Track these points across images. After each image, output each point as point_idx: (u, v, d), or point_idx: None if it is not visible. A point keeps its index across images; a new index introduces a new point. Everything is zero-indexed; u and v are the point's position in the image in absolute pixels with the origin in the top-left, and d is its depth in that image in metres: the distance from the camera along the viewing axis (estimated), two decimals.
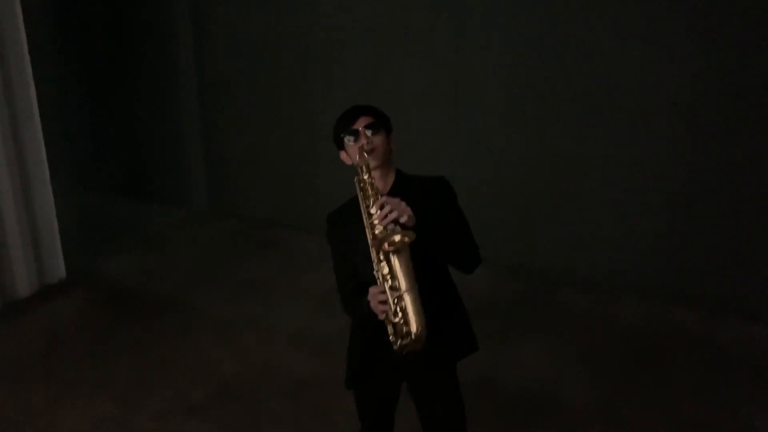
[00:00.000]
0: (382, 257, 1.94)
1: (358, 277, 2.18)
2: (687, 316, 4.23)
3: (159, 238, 5.81)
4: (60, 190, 4.84)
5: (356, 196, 2.09)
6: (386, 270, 1.94)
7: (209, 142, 6.11)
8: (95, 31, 6.46)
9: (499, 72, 4.59)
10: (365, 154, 2.06)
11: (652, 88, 4.16)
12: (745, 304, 4.18)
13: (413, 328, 1.90)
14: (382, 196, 2.00)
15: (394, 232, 1.89)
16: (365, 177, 2.04)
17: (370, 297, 1.99)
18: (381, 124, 2.14)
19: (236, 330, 4.27)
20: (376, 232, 1.95)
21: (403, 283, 1.90)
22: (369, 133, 2.10)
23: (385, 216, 1.90)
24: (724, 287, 4.22)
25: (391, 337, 1.98)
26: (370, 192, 2.02)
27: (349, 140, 2.13)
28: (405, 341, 1.92)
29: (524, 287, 4.68)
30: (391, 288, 1.92)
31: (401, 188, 2.15)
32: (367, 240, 2.00)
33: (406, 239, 1.88)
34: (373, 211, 1.97)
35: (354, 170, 2.14)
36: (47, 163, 4.70)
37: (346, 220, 2.16)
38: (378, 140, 2.11)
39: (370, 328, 2.13)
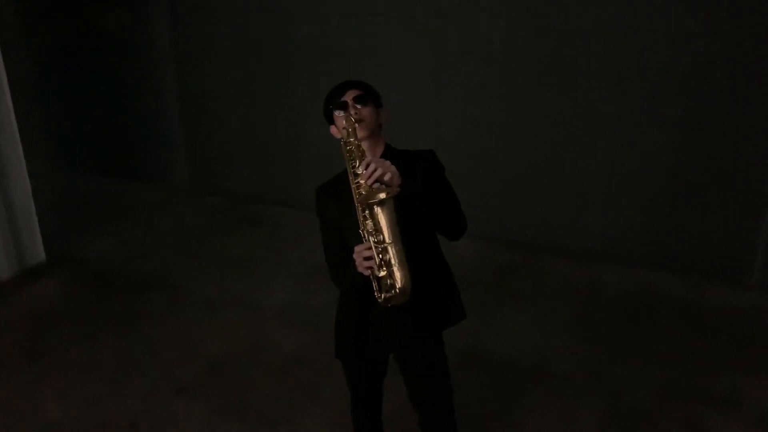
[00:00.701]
0: (366, 213, 1.94)
1: (347, 249, 2.15)
2: (670, 282, 4.27)
3: (141, 216, 5.74)
4: (36, 170, 4.74)
5: (345, 170, 2.06)
6: (370, 225, 1.94)
7: (190, 118, 6.01)
8: (71, 6, 6.28)
9: (484, 44, 4.53)
10: (351, 118, 2.04)
11: (640, 59, 4.13)
12: (729, 271, 4.22)
13: (398, 280, 1.91)
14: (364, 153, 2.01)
15: (379, 190, 1.89)
16: (351, 139, 2.02)
17: (355, 255, 1.99)
18: (370, 96, 2.14)
19: (222, 307, 4.24)
20: (362, 190, 1.95)
21: (387, 235, 1.91)
22: (358, 105, 2.10)
23: (370, 174, 1.90)
24: (709, 254, 4.26)
25: (375, 293, 1.98)
26: (356, 154, 2.00)
27: (338, 113, 2.12)
28: (390, 294, 1.93)
29: (511, 257, 4.69)
30: (376, 242, 1.93)
31: (390, 159, 2.12)
32: (356, 212, 1.99)
33: (390, 194, 1.89)
34: (359, 171, 1.95)
35: None
36: (21, 143, 4.58)
37: (336, 192, 2.15)
38: (366, 112, 2.11)
39: (358, 299, 2.14)
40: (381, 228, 1.91)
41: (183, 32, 5.74)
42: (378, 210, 1.91)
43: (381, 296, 1.96)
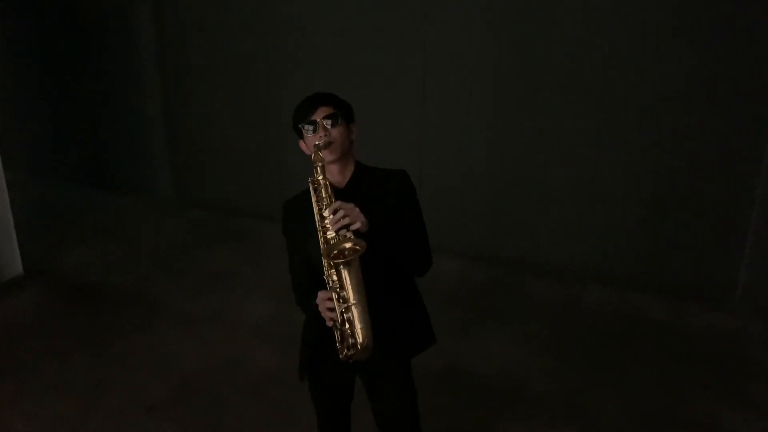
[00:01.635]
0: (332, 266, 1.88)
1: (312, 269, 2.12)
2: (651, 304, 4.24)
3: (121, 229, 5.68)
4: (14, 180, 4.67)
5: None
6: (335, 279, 1.89)
7: (173, 130, 5.97)
8: (53, 13, 6.24)
9: (466, 60, 4.53)
10: (320, 152, 1.98)
11: (619, 77, 4.13)
12: (708, 293, 4.20)
13: (359, 339, 1.85)
14: (334, 200, 1.92)
15: (345, 239, 1.83)
16: (319, 178, 1.97)
17: (318, 301, 1.94)
18: (341, 114, 2.06)
19: (199, 324, 4.19)
20: (328, 236, 1.89)
21: (351, 295, 1.85)
22: (328, 124, 2.02)
23: (338, 221, 1.84)
24: (688, 275, 4.25)
25: (337, 344, 1.94)
26: (323, 194, 1.95)
27: (307, 131, 2.05)
28: (351, 351, 1.88)
29: (490, 276, 4.66)
30: (339, 299, 1.88)
31: (359, 182, 2.09)
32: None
33: (357, 248, 1.81)
34: (325, 214, 1.91)
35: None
36: None
37: (303, 210, 2.08)
38: (337, 132, 2.03)
39: (321, 322, 2.06)
40: (345, 286, 1.86)
41: (168, 43, 5.71)
42: (343, 269, 1.85)
43: (342, 353, 1.91)
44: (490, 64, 4.47)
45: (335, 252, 1.83)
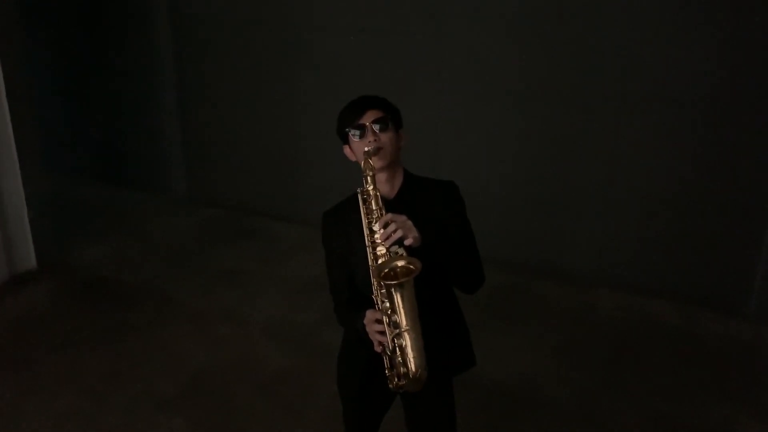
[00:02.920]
0: (383, 286, 1.78)
1: (355, 283, 2.05)
2: (665, 310, 4.20)
3: (135, 226, 5.70)
4: (30, 175, 4.70)
5: (354, 195, 1.96)
6: (386, 301, 1.79)
7: (188, 127, 5.99)
8: (69, 10, 6.29)
9: (483, 61, 4.50)
10: (370, 160, 1.88)
11: (641, 81, 4.08)
12: (726, 300, 4.15)
13: (412, 368, 1.75)
14: (385, 211, 1.84)
15: (397, 257, 1.75)
16: (369, 188, 1.87)
17: (366, 322, 1.86)
18: (391, 119, 1.96)
19: (211, 321, 4.19)
20: (378, 252, 1.82)
21: (404, 320, 1.74)
22: (377, 128, 1.92)
23: (389, 235, 1.76)
24: (703, 282, 4.20)
25: (386, 371, 1.87)
26: (373, 206, 1.86)
27: (354, 135, 1.94)
28: (402, 381, 1.80)
29: (505, 278, 4.63)
30: (391, 323, 1.78)
31: (409, 193, 2.01)
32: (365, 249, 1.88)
33: (411, 268, 1.72)
34: (375, 228, 1.82)
35: (356, 167, 1.98)
36: (15, 147, 4.56)
37: (345, 220, 2.01)
38: (386, 138, 1.92)
39: (368, 346, 1.93)
40: (398, 310, 1.75)
41: (184, 41, 5.73)
42: (396, 292, 1.75)
43: (393, 383, 1.83)
44: (505, 66, 4.44)
45: (386, 271, 1.74)
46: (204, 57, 5.69)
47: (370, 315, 1.85)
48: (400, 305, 1.75)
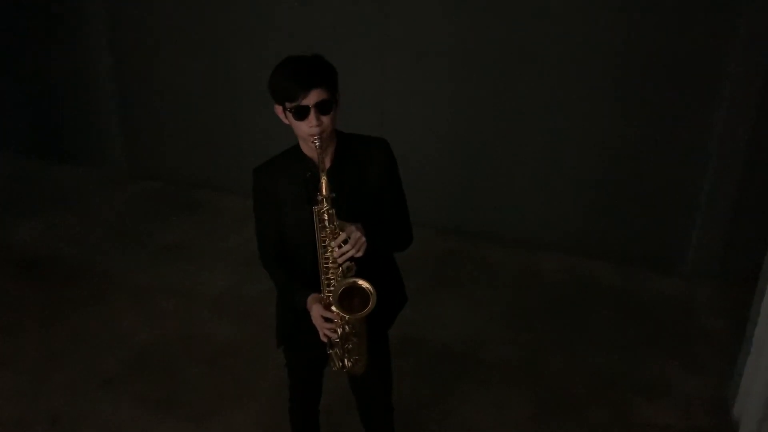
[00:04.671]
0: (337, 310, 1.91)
1: (284, 241, 2.09)
2: (605, 270, 4.31)
3: (73, 201, 5.50)
4: None
5: (286, 152, 2.04)
6: (339, 330, 1.95)
7: (125, 98, 5.78)
8: None
9: (428, 24, 4.46)
10: (323, 156, 1.88)
11: (579, 47, 4.12)
12: (663, 260, 4.30)
13: (355, 367, 2.04)
14: (337, 226, 1.88)
15: (350, 274, 1.90)
16: (326, 207, 1.88)
17: (313, 315, 1.96)
18: (334, 100, 1.90)
19: (155, 296, 4.11)
20: (330, 264, 1.93)
21: (354, 332, 1.96)
22: (321, 113, 1.86)
23: (343, 254, 1.87)
24: (644, 243, 4.33)
25: (328, 350, 2.06)
26: (327, 225, 1.89)
27: (295, 114, 1.87)
28: (344, 369, 2.07)
29: (450, 245, 4.68)
30: (343, 334, 1.96)
31: (344, 159, 2.02)
32: (298, 205, 1.98)
33: (366, 309, 1.87)
34: (333, 244, 1.89)
35: (286, 128, 1.98)
36: None
37: (276, 178, 2.03)
38: (328, 119, 1.88)
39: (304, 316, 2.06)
40: (351, 327, 1.94)
41: (118, 7, 5.50)
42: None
43: (335, 366, 2.07)
44: (451, 31, 4.42)
45: (344, 297, 1.89)
46: (140, 25, 5.47)
47: (317, 310, 1.94)
48: (355, 325, 1.94)
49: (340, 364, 2.04)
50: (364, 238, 1.88)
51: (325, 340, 1.98)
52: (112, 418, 3.13)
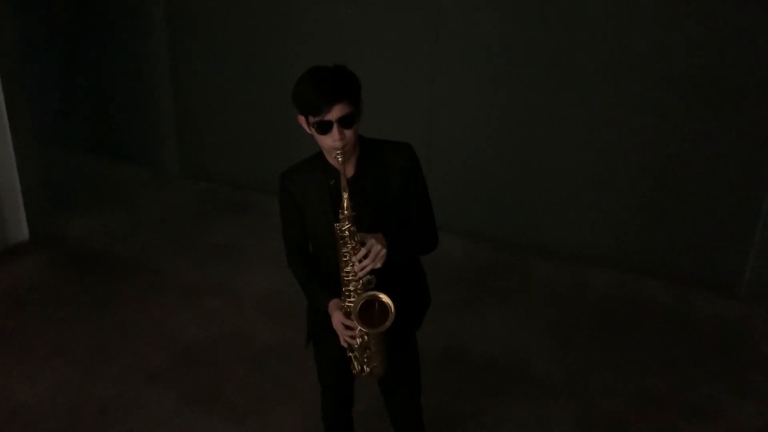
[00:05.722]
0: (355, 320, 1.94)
1: (311, 242, 2.16)
2: (657, 289, 4.21)
3: (126, 199, 5.67)
4: (22, 146, 4.67)
5: (311, 158, 2.08)
6: (359, 338, 1.99)
7: (181, 101, 5.94)
8: None
9: (480, 40, 4.45)
10: (345, 175, 1.87)
11: (638, 61, 4.05)
12: (719, 279, 4.17)
13: (373, 373, 2.08)
14: (358, 241, 1.90)
15: (371, 287, 1.93)
16: (347, 225, 1.89)
17: (334, 322, 2.01)
18: (357, 112, 1.90)
19: (201, 295, 4.19)
20: (350, 278, 1.95)
21: (373, 344, 2.01)
22: (343, 127, 1.85)
23: (364, 268, 1.88)
24: (699, 261, 4.20)
25: (348, 353, 2.11)
26: (349, 241, 1.91)
27: (318, 129, 1.88)
28: (362, 374, 2.12)
29: (497, 255, 4.64)
30: (362, 343, 2.01)
31: (367, 168, 2.02)
32: (321, 211, 2.00)
33: (385, 325, 1.88)
34: (354, 260, 1.91)
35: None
36: (7, 118, 4.52)
37: (301, 184, 2.07)
38: (351, 133, 1.88)
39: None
40: (369, 343, 2.01)
41: (177, 13, 5.65)
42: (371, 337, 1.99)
43: (354, 369, 2.12)
44: (502, 44, 4.39)
45: (364, 308, 1.91)
46: (197, 30, 5.61)
47: (338, 317, 1.98)
48: (371, 339, 2.00)
49: (359, 368, 2.10)
50: (384, 250, 1.88)
51: (345, 345, 2.04)
52: (158, 412, 3.19)
